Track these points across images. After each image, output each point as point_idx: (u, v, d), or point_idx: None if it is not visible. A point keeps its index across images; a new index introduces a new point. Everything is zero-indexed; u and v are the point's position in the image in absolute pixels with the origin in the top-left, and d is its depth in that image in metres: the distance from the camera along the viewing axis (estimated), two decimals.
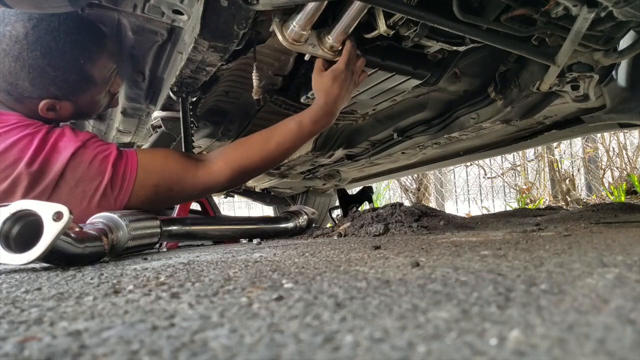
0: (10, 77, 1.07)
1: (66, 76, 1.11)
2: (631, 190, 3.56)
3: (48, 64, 1.07)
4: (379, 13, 1.05)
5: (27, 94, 1.10)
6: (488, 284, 0.48)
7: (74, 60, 1.11)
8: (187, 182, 1.17)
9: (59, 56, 1.08)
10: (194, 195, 1.23)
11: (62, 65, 1.09)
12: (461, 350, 0.28)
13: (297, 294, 0.47)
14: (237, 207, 6.78)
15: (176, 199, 1.24)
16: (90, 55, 1.13)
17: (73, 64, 1.11)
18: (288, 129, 1.21)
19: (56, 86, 1.11)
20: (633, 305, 0.36)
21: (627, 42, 1.11)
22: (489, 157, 3.75)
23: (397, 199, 6.02)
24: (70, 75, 1.11)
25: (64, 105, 1.15)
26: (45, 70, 1.07)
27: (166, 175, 1.14)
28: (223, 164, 1.20)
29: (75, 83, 1.13)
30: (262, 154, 1.21)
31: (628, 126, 1.59)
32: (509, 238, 0.97)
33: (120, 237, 0.95)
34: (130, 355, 0.30)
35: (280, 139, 1.21)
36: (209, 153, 1.26)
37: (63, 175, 1.02)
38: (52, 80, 1.09)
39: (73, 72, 1.11)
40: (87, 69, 1.14)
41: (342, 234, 1.38)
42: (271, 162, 1.24)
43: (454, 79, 1.46)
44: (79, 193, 1.04)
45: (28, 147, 1.01)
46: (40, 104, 1.11)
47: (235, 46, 1.10)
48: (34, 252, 0.72)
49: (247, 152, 1.21)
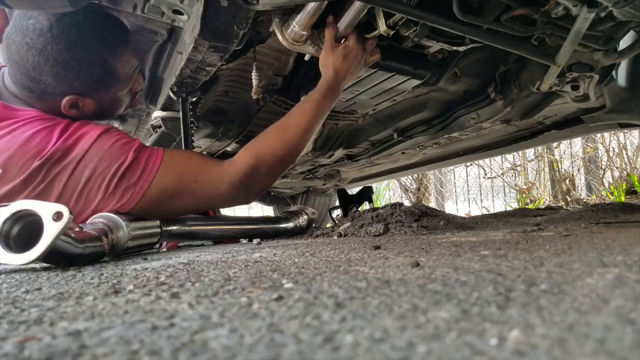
0: (34, 71, 1.05)
1: (90, 70, 1.09)
2: (631, 190, 3.56)
3: (72, 57, 1.05)
4: (379, 13, 1.05)
5: (50, 90, 1.07)
6: (488, 284, 0.48)
7: (99, 54, 1.09)
8: (213, 173, 1.13)
9: (83, 49, 1.06)
10: (220, 191, 1.14)
11: (86, 59, 1.07)
12: (461, 350, 0.28)
13: (297, 294, 0.47)
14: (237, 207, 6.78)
15: (202, 200, 1.15)
16: (114, 49, 1.12)
17: (97, 58, 1.09)
18: (303, 110, 1.20)
19: (80, 81, 1.09)
20: (633, 305, 0.36)
21: (627, 42, 1.11)
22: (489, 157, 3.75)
23: (397, 199, 6.02)
24: (94, 69, 1.10)
25: (87, 103, 1.13)
26: (70, 64, 1.05)
27: (191, 165, 1.12)
28: (245, 153, 1.17)
29: (99, 78, 1.12)
30: (283, 138, 1.18)
31: (628, 126, 1.59)
32: (509, 238, 0.97)
33: (120, 237, 0.95)
34: (130, 355, 0.30)
35: (298, 120, 1.19)
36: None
37: (83, 159, 1.00)
38: (76, 75, 1.07)
39: (97, 66, 1.10)
40: (111, 64, 1.12)
41: (342, 234, 1.38)
42: (293, 146, 1.20)
43: (454, 79, 1.46)
44: (98, 176, 1.01)
45: (48, 140, 1.00)
46: (63, 100, 1.09)
47: (235, 46, 1.10)
48: (34, 252, 0.72)
49: (267, 140, 1.19)
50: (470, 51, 1.32)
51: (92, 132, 1.04)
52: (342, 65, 1.15)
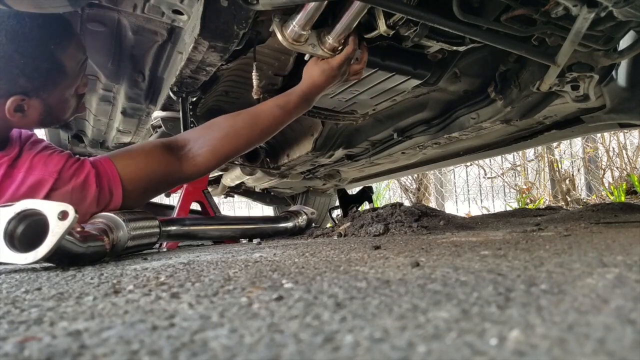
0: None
1: (36, 64, 1.00)
2: (631, 190, 3.55)
3: (16, 50, 0.97)
4: (379, 13, 1.05)
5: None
6: (488, 284, 0.48)
7: (44, 45, 1.01)
8: (173, 177, 1.17)
9: (26, 41, 0.98)
10: (181, 184, 1.29)
11: (31, 51, 0.99)
12: (461, 350, 0.28)
13: (297, 294, 0.47)
14: (237, 207, 6.78)
15: (164, 190, 1.25)
16: (60, 40, 1.04)
17: (43, 50, 1.01)
18: (273, 116, 1.21)
19: (26, 77, 1.00)
20: (633, 305, 0.36)
21: (627, 42, 1.11)
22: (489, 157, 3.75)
23: (397, 199, 6.02)
24: (40, 62, 1.01)
25: (33, 105, 1.04)
26: (13, 57, 0.97)
27: (153, 178, 1.13)
28: (211, 156, 1.18)
29: (46, 72, 1.03)
30: (249, 140, 1.22)
31: (628, 126, 1.59)
32: (509, 238, 0.97)
33: (120, 237, 0.95)
34: (130, 355, 0.30)
35: (266, 125, 1.22)
36: (190, 137, 1.21)
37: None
38: (21, 70, 0.99)
39: (44, 59, 1.01)
40: (58, 56, 1.04)
41: (342, 234, 1.38)
42: (255, 145, 1.28)
43: (454, 79, 1.46)
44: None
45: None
46: (7, 102, 1.00)
47: (235, 46, 1.10)
48: (40, 251, 0.72)
49: (235, 143, 1.20)
50: (470, 51, 1.32)
51: (43, 185, 0.98)
52: (318, 80, 1.18)
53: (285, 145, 2.19)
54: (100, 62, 1.43)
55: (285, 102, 1.22)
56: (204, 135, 1.21)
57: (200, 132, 1.22)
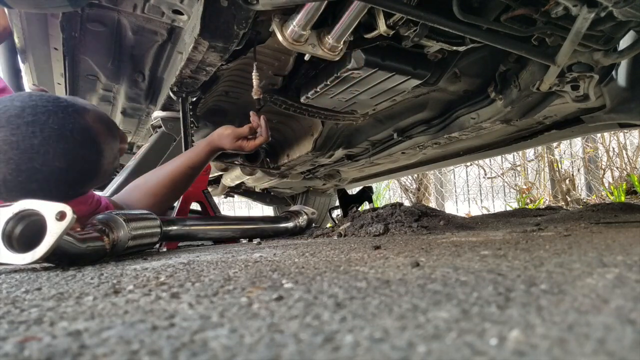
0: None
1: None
2: (631, 190, 3.55)
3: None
4: (379, 13, 1.05)
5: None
6: (488, 284, 0.48)
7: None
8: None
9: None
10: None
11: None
12: (461, 350, 0.28)
13: (297, 294, 0.47)
14: (237, 207, 6.78)
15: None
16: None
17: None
18: (186, 176, 1.34)
19: None
20: (633, 305, 0.36)
21: (627, 42, 1.11)
22: (489, 157, 3.74)
23: (397, 199, 6.02)
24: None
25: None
26: None
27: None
28: (118, 204, 1.26)
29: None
30: (168, 199, 1.35)
31: (628, 126, 1.59)
32: (509, 238, 0.97)
33: (120, 237, 0.95)
34: (130, 355, 0.30)
35: (184, 185, 1.36)
36: (123, 201, 1.29)
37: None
38: None
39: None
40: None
41: (342, 234, 1.38)
42: (172, 202, 1.41)
43: (454, 78, 1.46)
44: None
45: None
46: None
47: (235, 46, 1.10)
48: (38, 251, 0.72)
49: (158, 205, 1.30)
50: (470, 51, 1.32)
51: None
52: (227, 148, 1.36)
53: (285, 145, 2.19)
54: (100, 62, 1.43)
55: (195, 162, 1.35)
56: (132, 199, 1.31)
57: (129, 196, 1.32)
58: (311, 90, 1.38)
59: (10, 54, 1.61)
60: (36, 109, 0.92)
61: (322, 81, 1.33)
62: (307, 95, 1.41)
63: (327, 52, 1.14)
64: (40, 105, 0.93)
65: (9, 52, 1.61)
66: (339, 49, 1.14)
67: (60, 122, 0.93)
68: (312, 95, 1.40)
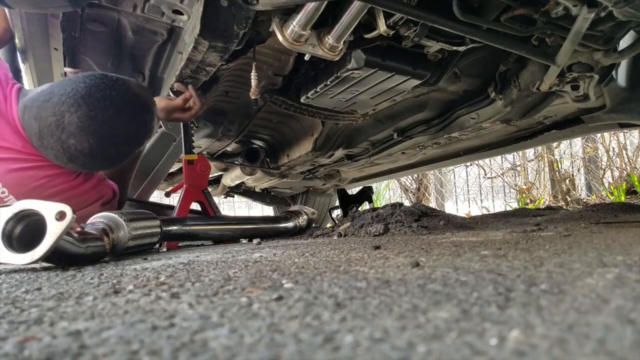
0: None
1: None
2: (631, 190, 3.55)
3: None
4: (379, 13, 1.05)
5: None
6: (488, 284, 0.48)
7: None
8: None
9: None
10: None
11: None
12: (461, 350, 0.28)
13: (297, 294, 0.47)
14: (237, 207, 6.77)
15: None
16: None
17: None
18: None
19: None
20: (633, 305, 0.36)
21: (627, 42, 1.10)
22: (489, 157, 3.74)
23: (397, 199, 6.02)
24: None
25: None
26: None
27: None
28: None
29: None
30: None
31: (628, 126, 1.58)
32: (509, 238, 0.97)
33: (121, 237, 0.95)
34: (130, 355, 0.30)
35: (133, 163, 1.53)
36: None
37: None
38: None
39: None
40: None
41: (342, 234, 1.38)
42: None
43: (454, 78, 1.46)
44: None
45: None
46: None
47: (235, 46, 1.10)
48: (38, 251, 0.72)
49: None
50: (470, 51, 1.31)
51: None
52: (163, 118, 1.40)
53: (285, 145, 2.19)
54: (100, 62, 1.43)
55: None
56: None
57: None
58: (311, 90, 1.38)
59: (11, 54, 1.61)
60: (99, 86, 1.09)
61: (322, 81, 1.33)
62: (307, 95, 1.40)
63: (327, 52, 1.14)
64: (100, 83, 1.10)
65: (9, 52, 1.61)
66: (339, 49, 1.14)
67: (120, 94, 1.11)
68: (312, 95, 1.40)
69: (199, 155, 1.55)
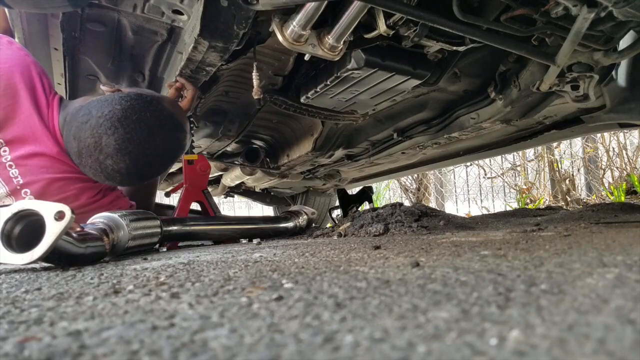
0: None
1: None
2: (631, 190, 3.55)
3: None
4: (379, 13, 1.05)
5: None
6: (488, 284, 0.48)
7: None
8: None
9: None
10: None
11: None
12: (461, 350, 0.28)
13: (297, 294, 0.47)
14: (237, 207, 6.78)
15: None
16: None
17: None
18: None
19: None
20: (633, 305, 0.36)
21: (627, 42, 1.10)
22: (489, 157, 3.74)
23: (397, 199, 6.02)
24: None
25: None
26: None
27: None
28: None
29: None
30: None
31: (628, 126, 1.58)
32: (509, 238, 0.97)
33: (121, 237, 0.95)
34: (130, 355, 0.30)
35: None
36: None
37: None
38: None
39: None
40: None
41: (342, 234, 1.38)
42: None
43: (454, 78, 1.46)
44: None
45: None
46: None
47: (235, 46, 1.10)
48: (37, 251, 0.72)
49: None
50: (470, 51, 1.31)
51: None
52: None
53: (285, 145, 2.19)
54: (100, 62, 1.43)
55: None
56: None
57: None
58: (311, 90, 1.38)
59: None
60: (135, 107, 1.13)
61: (322, 81, 1.33)
62: (307, 95, 1.40)
63: (327, 52, 1.14)
64: (135, 105, 1.14)
65: None
66: (339, 49, 1.14)
67: (155, 115, 1.16)
68: (312, 95, 1.40)
69: (199, 155, 1.55)
